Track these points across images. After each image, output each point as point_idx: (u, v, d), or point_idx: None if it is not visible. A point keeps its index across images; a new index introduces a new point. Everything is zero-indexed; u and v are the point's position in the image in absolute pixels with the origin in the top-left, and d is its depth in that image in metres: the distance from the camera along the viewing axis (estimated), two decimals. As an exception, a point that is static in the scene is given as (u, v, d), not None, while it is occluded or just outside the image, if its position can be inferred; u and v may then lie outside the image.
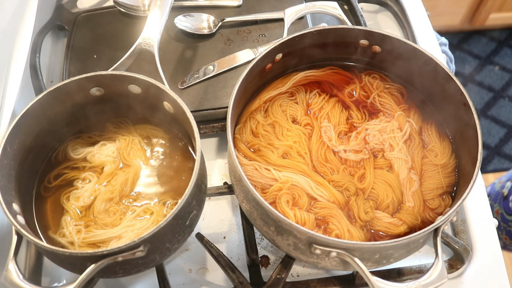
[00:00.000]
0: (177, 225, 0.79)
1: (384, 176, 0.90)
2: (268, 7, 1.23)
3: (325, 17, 1.28)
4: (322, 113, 0.98)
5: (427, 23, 1.27)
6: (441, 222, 0.75)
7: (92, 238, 0.85)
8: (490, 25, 2.90)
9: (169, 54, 1.15)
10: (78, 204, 0.89)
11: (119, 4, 1.22)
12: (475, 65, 2.92)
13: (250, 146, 0.94)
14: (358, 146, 0.94)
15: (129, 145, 0.95)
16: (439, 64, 0.89)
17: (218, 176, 1.08)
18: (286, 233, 0.78)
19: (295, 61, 1.00)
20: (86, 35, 1.20)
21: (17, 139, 0.83)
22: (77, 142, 0.96)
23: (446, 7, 2.72)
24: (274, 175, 0.89)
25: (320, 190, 0.88)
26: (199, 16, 1.20)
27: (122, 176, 0.91)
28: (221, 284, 0.96)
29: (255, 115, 0.97)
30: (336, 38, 0.96)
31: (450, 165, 0.92)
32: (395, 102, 0.99)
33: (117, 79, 0.87)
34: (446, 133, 0.95)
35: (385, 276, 0.94)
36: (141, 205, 0.89)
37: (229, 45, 1.17)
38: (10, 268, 0.72)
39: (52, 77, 1.23)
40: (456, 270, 0.95)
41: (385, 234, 0.86)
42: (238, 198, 0.88)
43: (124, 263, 0.76)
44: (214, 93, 1.09)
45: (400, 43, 0.92)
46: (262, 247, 1.00)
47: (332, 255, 0.74)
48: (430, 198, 0.89)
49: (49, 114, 0.89)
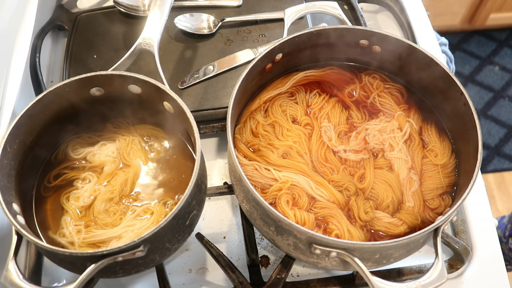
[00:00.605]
0: (177, 225, 0.79)
1: (384, 176, 0.90)
2: (268, 7, 1.23)
3: (325, 17, 1.28)
4: (322, 113, 0.98)
5: (427, 23, 1.27)
6: (441, 222, 0.75)
7: (92, 238, 0.85)
8: (490, 25, 2.90)
9: (169, 54, 1.15)
10: (78, 204, 0.89)
11: (119, 4, 1.22)
12: (475, 65, 2.92)
13: (250, 146, 0.94)
14: (358, 146, 0.94)
15: (129, 145, 0.95)
16: (439, 64, 0.89)
17: (218, 176, 1.08)
18: (286, 233, 0.78)
19: (295, 61, 1.00)
20: (86, 35, 1.20)
21: (17, 139, 0.83)
22: (77, 142, 0.96)
23: (446, 7, 2.72)
24: (274, 175, 0.89)
25: (320, 190, 0.88)
26: (199, 16, 1.20)
27: (122, 176, 0.91)
28: (221, 284, 0.96)
29: (255, 115, 0.97)
30: (336, 38, 0.96)
31: (450, 165, 0.92)
32: (395, 102, 0.99)
33: (117, 79, 0.87)
34: (446, 133, 0.95)
35: (385, 276, 0.94)
36: (141, 205, 0.89)
37: (229, 45, 1.17)
38: (10, 268, 0.72)
39: (52, 77, 1.23)
40: (456, 270, 0.95)
41: (385, 234, 0.86)
42: (238, 198, 0.88)
43: (124, 263, 0.76)
44: (214, 93, 1.09)
45: (400, 43, 0.92)
46: (262, 247, 1.00)
47: (332, 255, 0.74)
48: (430, 198, 0.89)
49: (49, 114, 0.89)
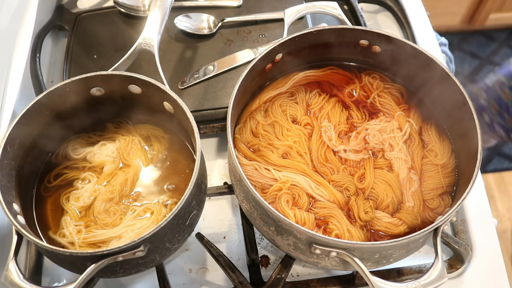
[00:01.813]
0: (177, 225, 0.79)
1: (384, 176, 0.90)
2: (268, 7, 1.23)
3: (325, 17, 1.28)
4: (322, 113, 0.98)
5: (427, 23, 1.27)
6: (441, 222, 0.75)
7: (93, 238, 0.85)
8: (490, 25, 2.90)
9: (169, 54, 1.16)
10: (78, 204, 0.89)
11: (119, 4, 1.22)
12: (475, 65, 2.92)
13: (250, 146, 0.94)
14: (358, 146, 0.94)
15: (129, 145, 0.95)
16: (439, 64, 0.89)
17: (218, 176, 1.08)
18: (286, 233, 0.78)
19: (295, 61, 1.00)
20: (86, 35, 1.20)
21: (18, 139, 0.83)
22: (77, 142, 0.96)
23: (446, 7, 2.71)
24: (274, 175, 0.89)
25: (320, 190, 0.88)
26: (199, 16, 1.20)
27: (122, 176, 0.91)
28: (221, 284, 0.96)
29: (255, 115, 0.97)
30: (336, 38, 0.96)
31: (450, 165, 0.92)
32: (395, 102, 0.99)
33: (117, 79, 0.87)
34: (446, 133, 0.95)
35: (385, 276, 0.94)
36: (141, 205, 0.89)
37: (229, 45, 1.17)
38: (11, 268, 0.72)
39: (52, 77, 1.23)
40: (456, 270, 0.95)
41: (385, 234, 0.86)
42: (238, 198, 0.88)
43: (124, 263, 0.76)
44: (214, 93, 1.09)
45: (400, 43, 0.92)
46: (262, 247, 1.00)
47: (332, 255, 0.74)
48: (430, 198, 0.89)
49: (49, 114, 0.89)
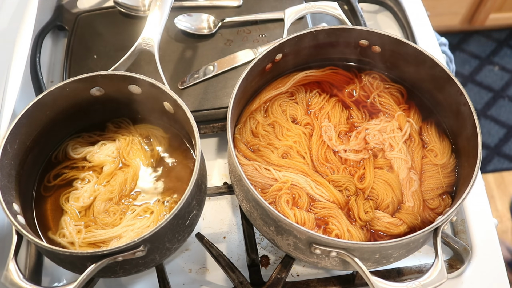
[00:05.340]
0: (177, 225, 0.79)
1: (384, 176, 0.90)
2: (268, 7, 1.23)
3: (325, 17, 1.28)
4: (322, 112, 0.98)
5: (427, 23, 1.27)
6: (441, 222, 0.75)
7: (92, 238, 0.85)
8: (490, 25, 2.90)
9: (169, 54, 1.16)
10: (78, 204, 0.89)
11: (119, 4, 1.22)
12: (475, 65, 2.92)
13: (250, 146, 0.94)
14: (358, 146, 0.94)
15: (129, 145, 0.95)
16: (439, 64, 0.89)
17: (218, 176, 1.08)
18: (286, 233, 0.78)
19: (295, 61, 1.00)
20: (86, 35, 1.20)
21: (18, 139, 0.83)
22: (77, 142, 0.96)
23: (446, 7, 2.71)
24: (274, 175, 0.89)
25: (320, 190, 0.88)
26: (199, 16, 1.20)
27: (122, 176, 0.91)
28: (221, 284, 0.96)
29: (255, 115, 0.97)
30: (336, 38, 0.96)
31: (450, 165, 0.92)
32: (395, 102, 0.99)
33: (117, 79, 0.87)
34: (446, 133, 0.95)
35: (385, 276, 0.94)
36: (141, 205, 0.89)
37: (229, 45, 1.17)
38: (11, 268, 0.72)
39: (52, 77, 1.23)
40: (456, 270, 0.95)
41: (385, 234, 0.86)
42: (238, 198, 0.88)
43: (124, 263, 0.76)
44: (214, 93, 1.09)
45: (400, 43, 0.92)
46: (262, 247, 1.00)
47: (332, 255, 0.74)
48: (430, 198, 0.89)
49: (49, 114, 0.89)
